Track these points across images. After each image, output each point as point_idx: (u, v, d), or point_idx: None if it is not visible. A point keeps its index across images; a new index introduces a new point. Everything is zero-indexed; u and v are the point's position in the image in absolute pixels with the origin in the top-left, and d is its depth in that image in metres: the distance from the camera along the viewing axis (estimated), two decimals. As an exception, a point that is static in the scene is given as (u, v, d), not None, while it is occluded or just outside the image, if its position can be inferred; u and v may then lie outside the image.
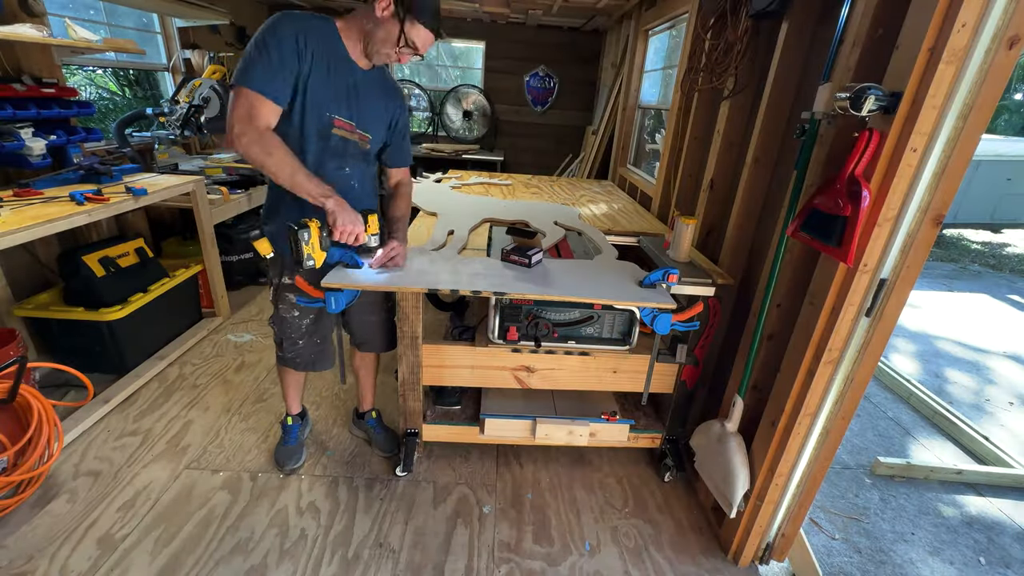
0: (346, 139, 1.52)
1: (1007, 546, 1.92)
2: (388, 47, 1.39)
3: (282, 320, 1.72)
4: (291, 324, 1.72)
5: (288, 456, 1.97)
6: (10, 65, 2.36)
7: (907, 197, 1.14)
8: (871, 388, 2.93)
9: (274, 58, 1.31)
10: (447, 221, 2.20)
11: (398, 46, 1.38)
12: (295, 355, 1.79)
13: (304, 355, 1.79)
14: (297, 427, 2.02)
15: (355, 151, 1.56)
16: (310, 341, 1.77)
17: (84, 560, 1.55)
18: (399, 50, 1.39)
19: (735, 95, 1.91)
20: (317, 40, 1.37)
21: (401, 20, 1.34)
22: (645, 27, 3.54)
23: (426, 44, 1.41)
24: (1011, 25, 0.99)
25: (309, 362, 1.82)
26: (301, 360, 1.80)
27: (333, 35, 1.42)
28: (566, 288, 1.58)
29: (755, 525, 1.61)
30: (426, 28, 1.37)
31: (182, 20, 3.65)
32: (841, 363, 1.34)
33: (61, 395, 2.26)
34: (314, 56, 1.37)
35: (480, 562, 1.64)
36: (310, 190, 1.38)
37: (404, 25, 1.35)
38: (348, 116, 1.49)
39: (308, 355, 1.80)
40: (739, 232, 1.88)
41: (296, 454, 1.98)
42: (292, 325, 1.72)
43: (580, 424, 1.97)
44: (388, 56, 1.42)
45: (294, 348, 1.77)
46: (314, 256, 1.46)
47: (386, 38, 1.37)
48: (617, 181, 3.89)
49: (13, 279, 2.29)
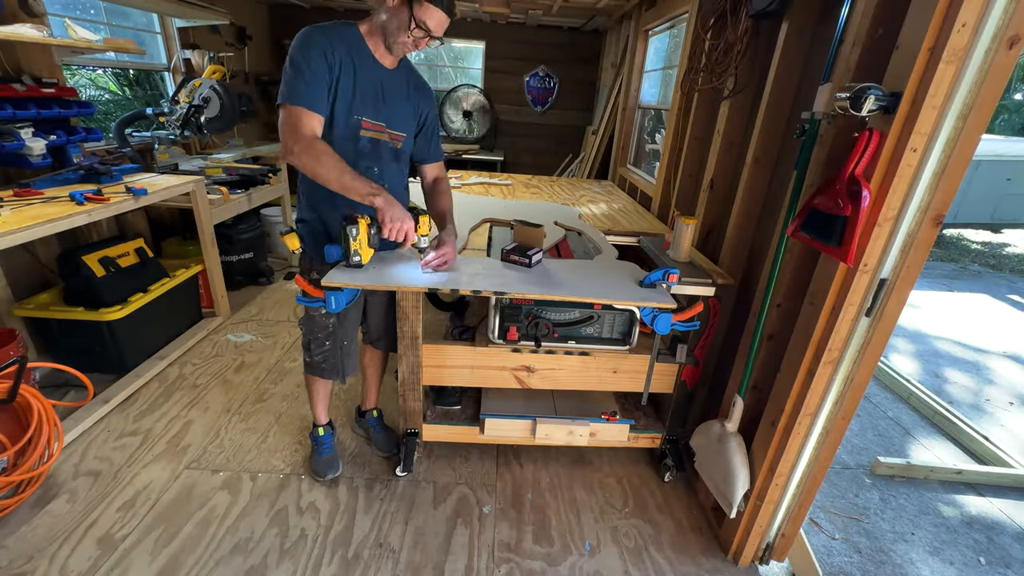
0: (376, 140, 1.55)
1: (1007, 546, 1.92)
2: (403, 35, 1.41)
3: (311, 320, 1.72)
4: (318, 323, 1.72)
5: (327, 466, 1.93)
6: (10, 65, 2.36)
7: (907, 197, 1.14)
8: (871, 388, 2.93)
9: (308, 72, 1.37)
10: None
11: (410, 31, 1.39)
12: (323, 358, 1.77)
13: (331, 358, 1.78)
14: (329, 436, 1.99)
15: (386, 152, 1.59)
16: (336, 342, 1.76)
17: (84, 560, 1.55)
18: (413, 36, 1.41)
19: (735, 95, 1.91)
20: (344, 47, 1.42)
21: (410, 4, 1.37)
22: (645, 27, 3.54)
23: (440, 25, 1.42)
24: (1011, 25, 0.99)
25: (336, 366, 1.80)
26: (328, 365, 1.78)
27: (357, 39, 1.46)
28: (566, 288, 1.58)
29: (755, 525, 1.61)
30: (436, 7, 1.38)
31: (182, 20, 3.65)
32: (841, 363, 1.34)
33: (61, 395, 2.26)
34: (342, 63, 1.42)
35: (480, 562, 1.64)
36: (358, 189, 1.40)
37: (413, 8, 1.37)
38: (376, 117, 1.52)
39: (335, 358, 1.78)
40: (739, 232, 1.88)
41: (334, 463, 1.95)
42: (319, 325, 1.72)
43: (580, 424, 1.97)
44: (405, 45, 1.44)
45: (321, 350, 1.76)
46: (361, 252, 1.49)
47: (400, 26, 1.40)
48: (617, 181, 3.89)
49: (13, 279, 2.29)
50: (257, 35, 4.70)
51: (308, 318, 1.73)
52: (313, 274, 1.64)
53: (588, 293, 1.56)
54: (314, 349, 1.76)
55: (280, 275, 3.82)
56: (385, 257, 1.69)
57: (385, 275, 1.56)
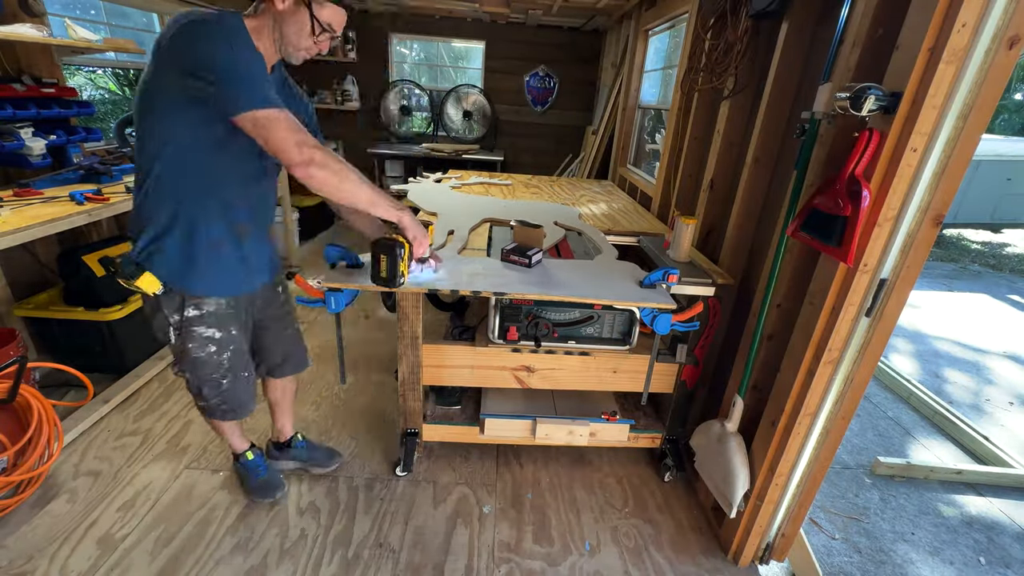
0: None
1: (1007, 546, 1.92)
2: (304, 38, 1.25)
3: (195, 362, 1.43)
4: (208, 363, 1.44)
5: (268, 487, 1.79)
6: (10, 65, 2.35)
7: (907, 197, 1.14)
8: (871, 388, 2.93)
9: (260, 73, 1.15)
10: (447, 221, 2.20)
11: (314, 34, 1.24)
12: (221, 399, 1.52)
13: (232, 397, 1.53)
14: (258, 456, 1.81)
15: (275, 163, 1.38)
16: (236, 378, 1.51)
17: (84, 560, 1.55)
18: (316, 38, 1.26)
19: (735, 95, 1.91)
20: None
21: (308, 4, 1.21)
22: (645, 27, 3.54)
23: (341, 22, 1.28)
24: (1011, 25, 0.99)
25: (239, 404, 1.56)
26: (228, 405, 1.54)
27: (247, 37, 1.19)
28: (566, 288, 1.58)
29: (755, 525, 1.61)
30: (335, 5, 1.25)
31: (182, 20, 3.65)
32: (841, 363, 1.34)
33: (61, 395, 2.26)
34: None
35: (480, 562, 1.64)
36: (388, 205, 1.30)
37: (312, 8, 1.21)
38: None
39: (237, 396, 1.54)
40: (739, 232, 1.88)
41: (276, 481, 1.81)
42: (210, 364, 1.44)
43: (580, 424, 1.97)
44: (309, 49, 1.28)
45: (218, 391, 1.50)
46: (404, 272, 1.41)
47: (299, 30, 1.23)
48: (617, 181, 3.89)
49: (13, 279, 2.29)
50: (257, 35, 4.71)
51: (192, 361, 1.42)
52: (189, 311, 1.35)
53: (588, 293, 1.56)
54: (208, 393, 1.50)
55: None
56: None
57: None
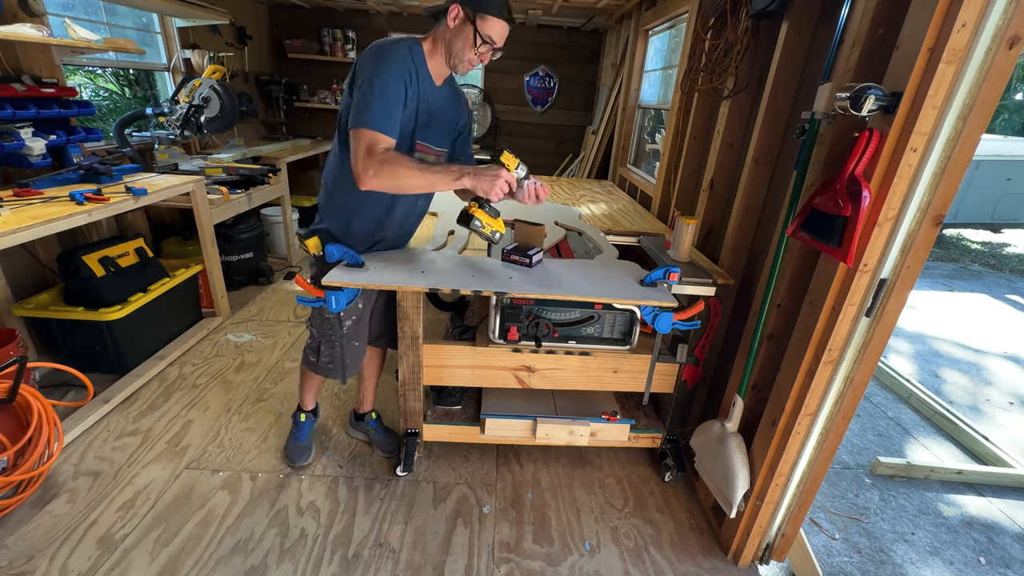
0: (423, 159, 1.56)
1: (1007, 546, 1.92)
2: (468, 52, 1.43)
3: (324, 321, 1.68)
4: (333, 325, 1.68)
5: (299, 452, 1.98)
6: (10, 65, 2.35)
7: (907, 197, 1.14)
8: (871, 388, 2.93)
9: (388, 96, 1.37)
10: (448, 221, 2.20)
11: (476, 47, 1.41)
12: (330, 360, 1.74)
13: (338, 361, 1.74)
14: (310, 423, 2.01)
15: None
16: (349, 345, 1.73)
17: (84, 560, 1.55)
18: (479, 51, 1.43)
19: (735, 95, 1.91)
20: (415, 71, 1.43)
21: (472, 20, 1.38)
22: (645, 27, 3.54)
23: (502, 35, 1.43)
24: (1011, 25, 0.99)
25: (341, 368, 1.76)
26: (334, 366, 1.76)
27: (422, 61, 1.46)
28: (567, 288, 1.58)
29: (755, 525, 1.61)
30: (497, 18, 1.40)
31: (182, 20, 3.64)
32: (841, 363, 1.34)
33: (61, 395, 2.26)
34: (416, 90, 1.44)
35: (480, 562, 1.64)
36: (444, 180, 1.42)
37: (476, 24, 1.38)
38: (426, 138, 1.55)
39: (342, 361, 1.75)
40: (739, 232, 1.88)
41: (307, 451, 2.00)
42: (334, 326, 1.68)
43: (580, 424, 1.97)
44: (472, 61, 1.45)
45: (331, 352, 1.72)
46: (494, 228, 1.54)
47: (464, 44, 1.42)
48: (617, 181, 3.89)
49: (13, 279, 2.29)
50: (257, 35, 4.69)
51: (322, 320, 1.69)
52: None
53: (589, 293, 1.56)
54: (323, 351, 1.73)
55: (280, 275, 3.82)
56: (387, 257, 1.69)
57: (385, 275, 1.56)
